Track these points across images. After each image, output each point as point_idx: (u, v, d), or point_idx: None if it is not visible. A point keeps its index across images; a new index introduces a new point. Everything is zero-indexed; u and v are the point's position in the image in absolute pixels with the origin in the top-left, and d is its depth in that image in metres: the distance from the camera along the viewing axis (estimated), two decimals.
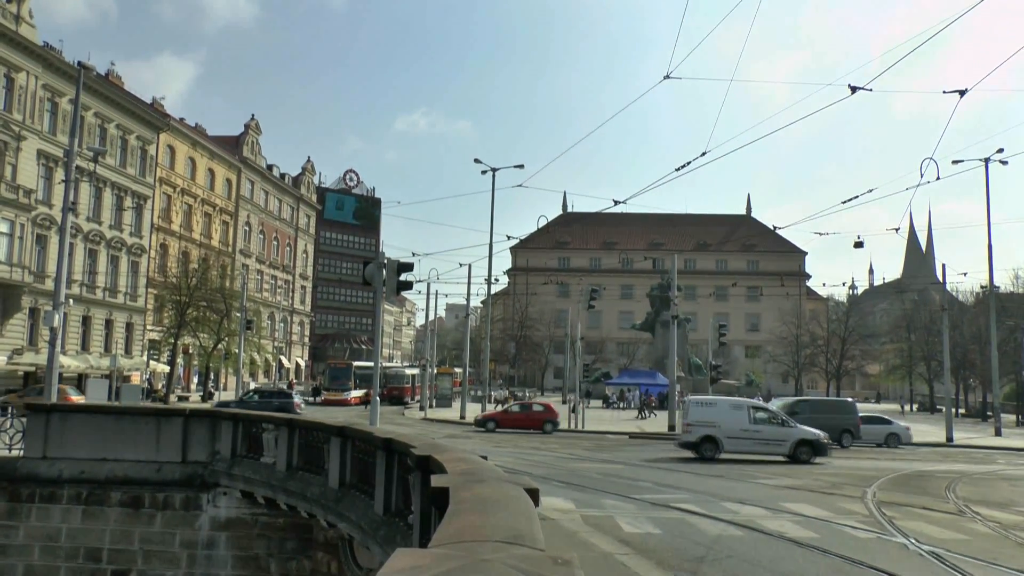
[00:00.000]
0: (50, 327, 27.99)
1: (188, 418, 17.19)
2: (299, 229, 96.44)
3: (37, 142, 50.09)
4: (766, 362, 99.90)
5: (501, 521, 4.10)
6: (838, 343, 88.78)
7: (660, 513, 15.12)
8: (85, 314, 54.95)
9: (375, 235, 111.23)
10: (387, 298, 26.54)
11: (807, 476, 22.58)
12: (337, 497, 12.17)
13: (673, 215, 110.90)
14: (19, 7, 48.95)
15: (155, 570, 15.97)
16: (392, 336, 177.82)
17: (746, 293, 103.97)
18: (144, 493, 16.42)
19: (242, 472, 15.78)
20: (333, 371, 66.55)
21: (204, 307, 58.13)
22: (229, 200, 77.47)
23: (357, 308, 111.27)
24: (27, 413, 17.87)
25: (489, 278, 52.55)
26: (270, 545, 15.85)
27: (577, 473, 21.64)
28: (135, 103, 61.33)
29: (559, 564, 3.10)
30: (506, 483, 5.79)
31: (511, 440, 34.07)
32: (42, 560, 16.22)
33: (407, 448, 8.73)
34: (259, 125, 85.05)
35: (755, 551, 11.94)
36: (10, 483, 16.66)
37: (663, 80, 21.04)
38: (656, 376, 71.51)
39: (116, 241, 58.17)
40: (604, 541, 12.52)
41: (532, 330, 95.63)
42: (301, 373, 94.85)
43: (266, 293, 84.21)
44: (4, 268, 46.18)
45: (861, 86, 19.19)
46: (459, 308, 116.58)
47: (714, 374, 46.30)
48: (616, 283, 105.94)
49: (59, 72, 51.26)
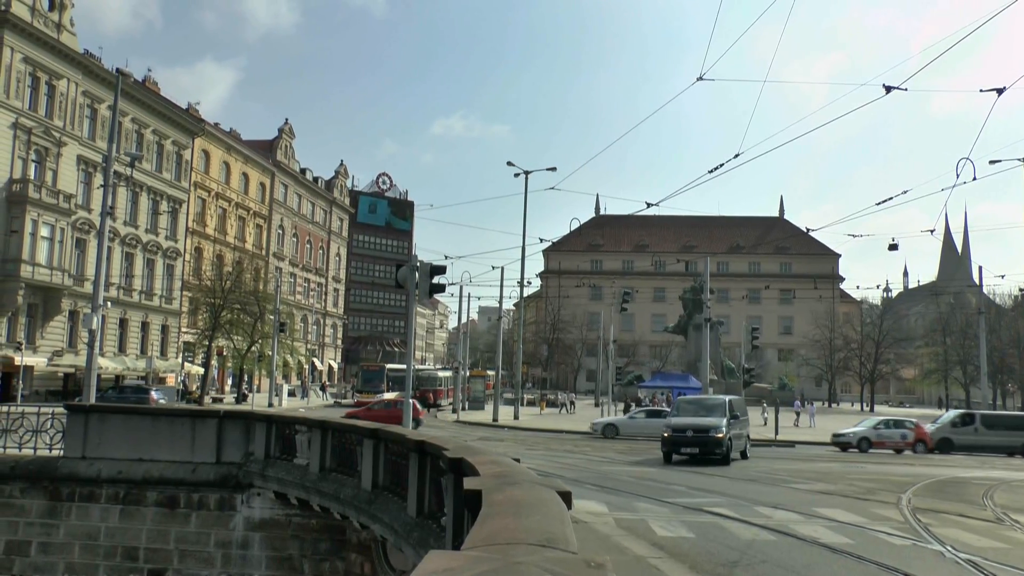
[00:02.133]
0: (88, 329, 28.47)
1: (222, 419, 17.36)
2: (332, 232, 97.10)
3: (77, 148, 50.92)
4: (799, 365, 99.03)
5: (534, 524, 4.11)
6: (872, 347, 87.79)
7: (693, 517, 15.03)
8: (122, 316, 55.74)
9: (408, 238, 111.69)
10: (420, 301, 26.66)
11: (840, 481, 22.34)
12: (370, 499, 12.23)
13: (706, 217, 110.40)
14: (60, 16, 49.83)
15: (191, 569, 16.15)
16: (425, 339, 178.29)
17: (779, 296, 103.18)
18: (179, 493, 16.61)
19: (275, 473, 15.90)
20: (366, 373, 66.89)
21: (238, 310, 58.66)
22: (263, 204, 78.19)
23: (390, 311, 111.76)
24: (66, 414, 18.15)
25: (522, 281, 52.65)
26: (303, 546, 15.97)
27: (610, 476, 21.58)
28: (171, 109, 62.16)
29: (592, 567, 3.11)
30: (539, 486, 5.81)
31: (544, 443, 34.05)
32: (82, 558, 16.47)
33: (440, 450, 8.76)
34: (292, 129, 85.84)
35: (788, 556, 11.84)
36: (51, 482, 16.95)
37: (696, 82, 20.98)
38: (689, 379, 71.08)
39: (152, 245, 58.95)
40: (637, 544, 12.47)
41: (564, 333, 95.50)
42: (334, 375, 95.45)
43: (299, 296, 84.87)
44: (45, 271, 46.98)
45: (896, 85, 18.97)
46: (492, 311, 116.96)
47: (747, 377, 46.00)
48: (649, 286, 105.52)
49: (98, 79, 52.10)
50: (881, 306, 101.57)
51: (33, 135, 47.34)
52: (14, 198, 45.58)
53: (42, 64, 48.08)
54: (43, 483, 16.98)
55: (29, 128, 47.03)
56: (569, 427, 44.56)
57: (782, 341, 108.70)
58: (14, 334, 46.35)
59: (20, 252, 45.43)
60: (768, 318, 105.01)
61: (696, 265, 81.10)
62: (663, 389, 71.34)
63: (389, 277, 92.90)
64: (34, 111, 47.66)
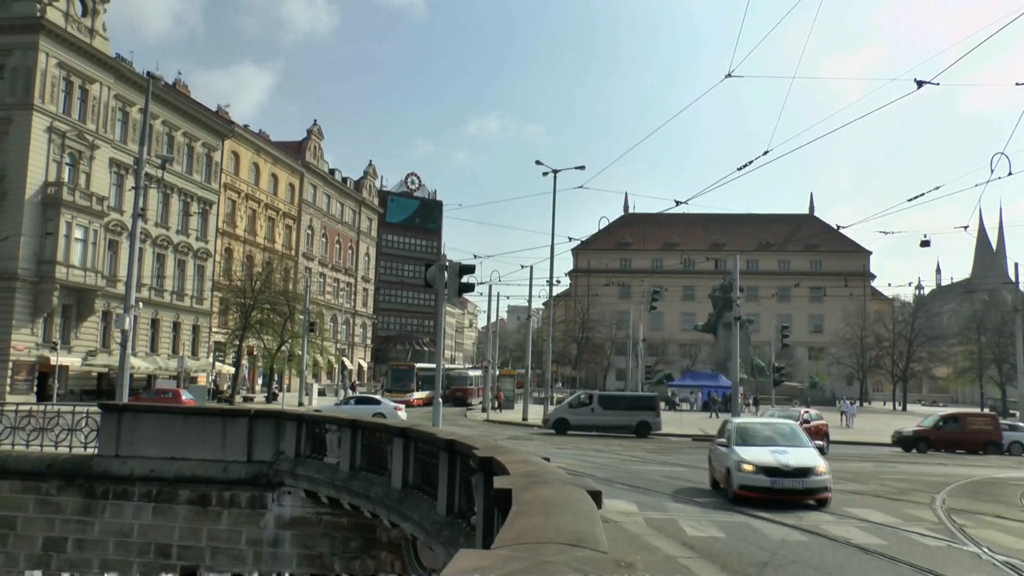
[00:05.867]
0: (121, 329, 28.79)
1: (253, 418, 17.47)
2: (361, 232, 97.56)
3: (109, 151, 51.54)
4: (830, 364, 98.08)
5: (564, 523, 4.10)
6: (904, 345, 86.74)
7: (724, 517, 14.94)
8: (154, 317, 56.34)
9: (437, 237, 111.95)
10: (449, 300, 26.74)
11: (873, 481, 22.11)
12: (400, 497, 12.27)
13: (735, 215, 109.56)
14: (93, 21, 50.49)
15: (222, 567, 16.27)
16: (454, 338, 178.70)
17: (809, 294, 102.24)
18: (211, 491, 16.74)
19: (306, 472, 15.99)
20: (396, 373, 67.11)
21: (268, 310, 59.13)
22: (292, 204, 78.73)
23: (419, 310, 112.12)
24: (100, 412, 18.36)
25: (551, 280, 52.59)
26: (334, 544, 16.04)
27: (640, 475, 21.50)
28: (201, 111, 62.76)
29: (622, 567, 3.10)
30: (569, 485, 5.79)
31: (574, 442, 34.01)
32: (116, 555, 16.66)
33: (470, 449, 8.77)
34: (321, 130, 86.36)
35: (820, 557, 11.73)
36: (86, 480, 17.17)
37: (725, 79, 20.85)
38: (719, 378, 70.76)
39: (183, 246, 59.54)
40: (667, 544, 12.42)
41: (594, 331, 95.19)
42: (363, 375, 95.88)
43: (329, 296, 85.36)
44: (79, 273, 47.60)
45: (928, 80, 18.73)
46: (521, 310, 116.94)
47: (777, 376, 45.66)
48: (678, 284, 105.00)
49: (130, 83, 52.71)
50: (913, 304, 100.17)
51: (67, 139, 47.99)
52: (49, 201, 46.24)
53: (75, 69, 48.72)
54: (78, 481, 17.21)
55: (63, 132, 47.68)
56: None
57: (812, 339, 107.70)
58: (49, 334, 47.02)
59: (55, 254, 46.07)
60: (798, 316, 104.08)
61: (725, 263, 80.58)
62: (693, 388, 71.11)
63: (418, 277, 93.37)
64: (68, 115, 48.30)
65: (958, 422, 36.43)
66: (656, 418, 40.20)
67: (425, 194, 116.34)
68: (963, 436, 35.47)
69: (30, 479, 17.37)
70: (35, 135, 45.86)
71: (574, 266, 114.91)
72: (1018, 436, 36.77)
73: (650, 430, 39.21)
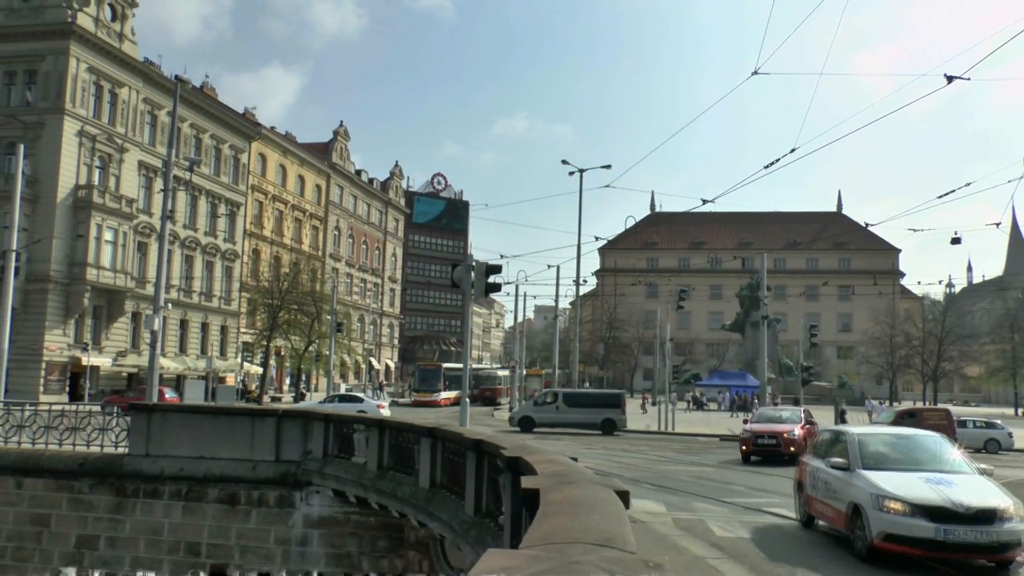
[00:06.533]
0: (151, 330, 29.07)
1: (281, 418, 17.57)
2: (388, 233, 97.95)
3: (138, 153, 52.12)
4: (859, 363, 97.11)
5: (592, 523, 4.09)
6: (935, 344, 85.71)
7: (752, 517, 14.84)
8: (182, 318, 56.88)
9: (463, 238, 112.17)
10: (476, 300, 26.77)
11: None
12: (428, 497, 12.29)
13: (762, 213, 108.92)
14: (122, 25, 51.09)
15: (251, 565, 16.38)
16: (481, 338, 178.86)
17: (837, 292, 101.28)
18: (240, 490, 16.85)
19: (334, 471, 16.06)
20: (423, 372, 67.28)
21: (295, 310, 59.47)
22: (319, 205, 79.18)
23: (446, 310, 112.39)
24: (130, 412, 18.57)
25: (577, 279, 52.58)
26: (362, 543, 16.10)
27: (668, 475, 21.42)
28: (228, 114, 63.29)
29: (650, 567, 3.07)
30: (596, 485, 5.77)
31: (601, 442, 33.94)
32: (147, 553, 16.84)
33: (497, 449, 8.76)
34: (347, 131, 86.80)
35: (850, 559, 11.61)
36: (117, 479, 17.36)
37: (752, 76, 20.72)
38: (746, 377, 70.33)
39: (211, 247, 60.07)
40: (695, 545, 12.36)
41: (621, 331, 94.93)
42: (391, 375, 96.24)
43: (356, 296, 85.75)
44: (108, 274, 48.17)
45: (958, 75, 18.47)
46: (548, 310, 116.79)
47: (805, 376, 45.20)
48: (705, 283, 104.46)
49: (158, 86, 53.25)
50: (944, 302, 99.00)
51: (97, 142, 48.59)
52: (80, 204, 46.83)
53: (105, 73, 49.30)
54: (109, 480, 17.41)
55: (93, 135, 48.28)
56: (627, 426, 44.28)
57: (841, 338, 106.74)
58: (81, 335, 47.63)
59: (86, 256, 46.64)
60: (826, 315, 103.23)
61: (753, 262, 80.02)
62: (720, 387, 70.70)
63: (445, 277, 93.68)
64: (98, 119, 48.90)
65: (915, 417, 35.38)
66: (621, 415, 40.17)
67: (451, 194, 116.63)
68: None
69: (63, 478, 17.62)
70: (66, 139, 46.48)
71: (601, 265, 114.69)
72: (994, 434, 36.36)
73: (615, 427, 39.18)
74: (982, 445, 35.35)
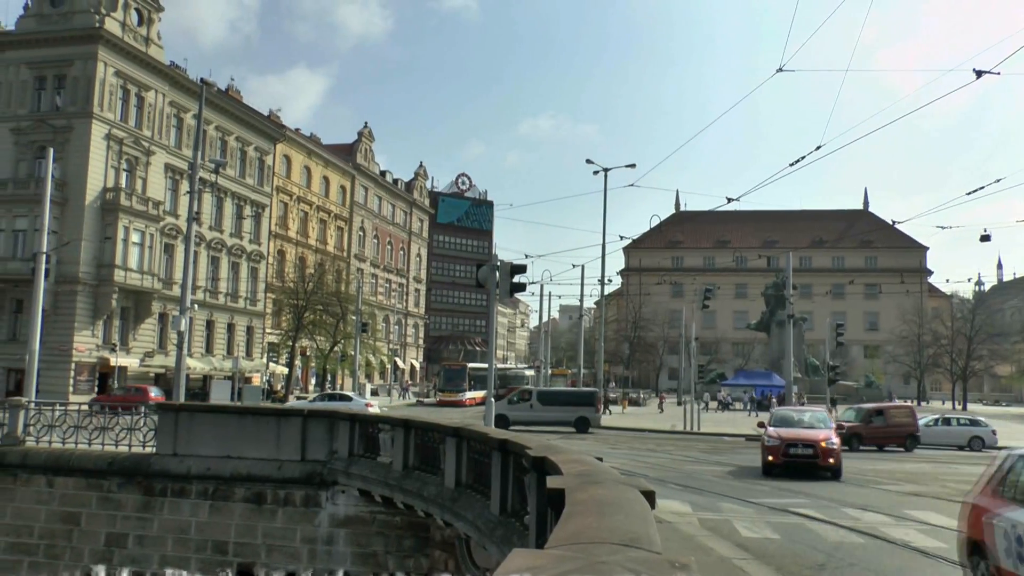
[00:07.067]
0: (177, 331, 29.34)
1: (307, 418, 17.66)
2: (412, 233, 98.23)
3: (164, 156, 52.60)
4: (886, 362, 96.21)
5: (617, 523, 4.07)
6: (964, 342, 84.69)
7: (778, 518, 14.75)
8: (209, 318, 57.33)
9: (488, 237, 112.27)
10: (500, 300, 26.77)
11: (933, 482, 21.64)
12: (453, 497, 12.31)
13: (787, 211, 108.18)
14: (148, 30, 51.61)
15: (278, 564, 16.48)
16: (506, 337, 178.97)
17: (864, 291, 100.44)
18: (266, 490, 16.96)
19: (359, 471, 16.12)
20: (448, 372, 67.41)
21: (320, 311, 59.78)
22: (343, 206, 79.53)
23: (471, 310, 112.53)
24: (158, 412, 18.74)
25: (602, 279, 52.47)
26: (388, 543, 16.15)
27: (693, 476, 21.32)
28: (253, 116, 63.74)
29: (676, 567, 3.06)
30: (622, 485, 5.75)
31: (627, 441, 33.87)
32: (175, 551, 16.99)
33: (522, 449, 8.76)
34: (372, 132, 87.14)
35: (878, 560, 11.51)
36: (145, 478, 17.54)
37: (776, 73, 20.60)
38: (772, 377, 69.91)
39: (236, 248, 60.49)
40: (722, 545, 12.30)
41: (646, 331, 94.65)
42: (416, 375, 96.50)
43: (380, 296, 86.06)
44: (136, 276, 48.65)
45: (987, 70, 18.27)
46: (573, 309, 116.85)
47: (831, 375, 44.81)
48: (730, 282, 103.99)
49: (184, 89, 53.72)
50: (973, 300, 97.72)
51: (124, 145, 49.10)
52: (107, 206, 47.34)
53: (132, 77, 49.81)
54: (137, 479, 17.58)
55: (120, 139, 48.80)
56: (652, 426, 44.24)
57: (868, 337, 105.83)
58: (109, 336, 48.16)
59: (113, 258, 47.14)
60: (853, 314, 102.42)
61: (778, 260, 79.52)
62: (746, 387, 70.29)
63: (470, 277, 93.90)
64: (125, 122, 49.41)
65: (883, 415, 35.02)
66: (595, 414, 40.43)
67: (476, 194, 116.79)
68: (889, 430, 33.96)
69: (92, 477, 17.82)
70: (94, 142, 47.01)
71: (625, 265, 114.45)
72: (978, 431, 36.14)
73: (589, 425, 39.27)
74: (966, 443, 35.05)
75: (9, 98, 48.64)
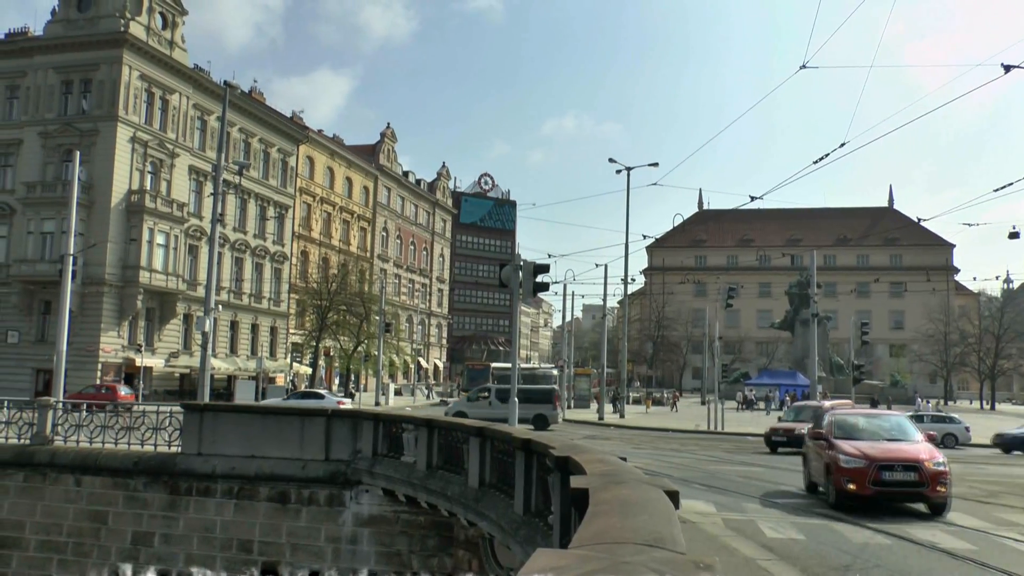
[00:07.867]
0: (202, 332, 29.57)
1: (330, 418, 17.74)
2: (435, 233, 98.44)
3: (188, 158, 53.05)
4: (912, 361, 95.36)
5: (641, 523, 4.05)
6: (992, 341, 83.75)
7: (803, 518, 14.61)
8: (233, 319, 57.74)
9: (511, 237, 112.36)
10: (524, 300, 26.80)
11: (960, 483, 21.32)
12: (477, 496, 12.31)
13: (811, 209, 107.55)
14: (172, 34, 52.09)
15: (302, 563, 16.57)
16: (529, 337, 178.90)
17: (889, 289, 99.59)
18: (290, 489, 17.05)
19: (383, 471, 16.16)
20: (471, 372, 67.50)
21: (344, 311, 60.02)
22: (366, 207, 79.83)
23: (494, 310, 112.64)
24: (183, 412, 18.89)
25: (625, 278, 52.36)
26: (411, 542, 16.19)
27: (717, 475, 21.20)
28: (277, 118, 64.12)
29: (701, 568, 3.04)
30: (646, 485, 5.73)
31: (650, 441, 33.75)
32: (200, 550, 17.12)
33: (546, 449, 8.75)
34: (394, 133, 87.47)
35: (904, 562, 11.37)
36: (171, 477, 17.69)
37: (799, 70, 20.46)
38: (796, 376, 69.47)
39: (260, 249, 60.87)
40: (746, 546, 12.21)
41: (669, 330, 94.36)
42: (439, 375, 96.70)
43: (404, 296, 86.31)
44: (161, 277, 49.09)
45: (1016, 64, 18.05)
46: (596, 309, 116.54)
47: (856, 374, 44.47)
48: (754, 281, 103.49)
49: (208, 92, 54.16)
50: (1001, 298, 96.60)
51: (149, 148, 49.57)
52: (132, 208, 47.81)
53: (156, 80, 50.28)
54: (163, 478, 17.74)
55: (145, 141, 49.27)
56: (676, 425, 44.07)
57: (893, 336, 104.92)
58: (135, 337, 48.60)
59: (138, 259, 47.61)
60: (878, 312, 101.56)
61: (802, 259, 78.98)
62: (770, 387, 69.92)
63: (493, 277, 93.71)
64: (149, 125, 49.89)
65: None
66: (553, 411, 40.04)
67: (499, 194, 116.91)
68: None
69: (119, 476, 18.01)
70: (120, 145, 47.48)
71: (649, 264, 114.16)
72: (951, 428, 35.83)
73: (548, 424, 38.71)
74: (939, 440, 34.47)
75: (37, 102, 49.24)
